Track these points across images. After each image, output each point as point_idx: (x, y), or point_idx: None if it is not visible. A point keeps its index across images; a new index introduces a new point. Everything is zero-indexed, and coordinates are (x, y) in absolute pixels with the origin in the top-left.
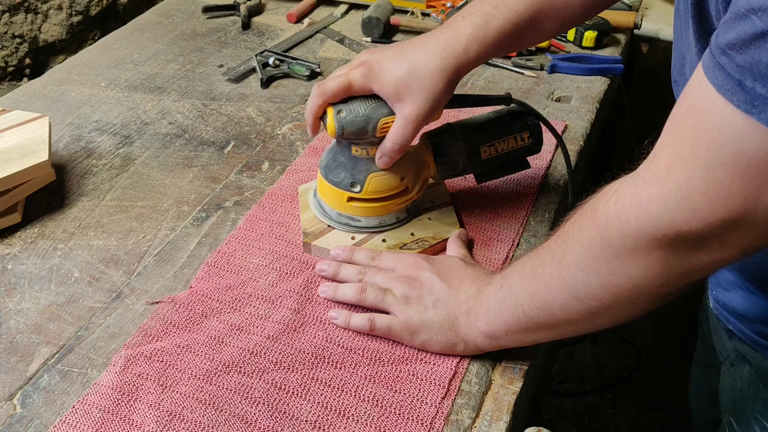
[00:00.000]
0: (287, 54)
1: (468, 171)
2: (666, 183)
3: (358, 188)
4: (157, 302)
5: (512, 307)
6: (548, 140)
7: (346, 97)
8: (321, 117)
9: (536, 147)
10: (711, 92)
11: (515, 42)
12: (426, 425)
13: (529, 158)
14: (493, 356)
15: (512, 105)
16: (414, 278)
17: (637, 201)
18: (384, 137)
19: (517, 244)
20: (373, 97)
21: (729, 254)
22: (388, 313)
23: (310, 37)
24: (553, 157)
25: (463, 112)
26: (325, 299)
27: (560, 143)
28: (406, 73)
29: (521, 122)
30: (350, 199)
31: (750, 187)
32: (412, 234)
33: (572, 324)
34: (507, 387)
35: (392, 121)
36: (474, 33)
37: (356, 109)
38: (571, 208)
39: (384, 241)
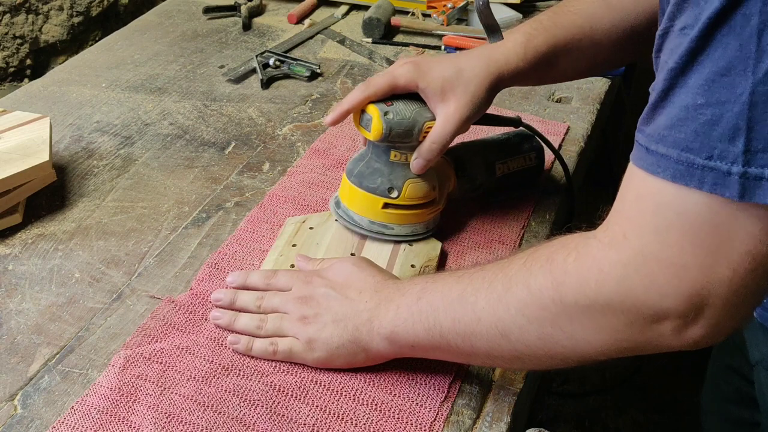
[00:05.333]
0: (288, 55)
1: (483, 187)
2: (624, 248)
3: (395, 194)
4: (159, 297)
5: (429, 326)
6: (551, 140)
7: (388, 96)
8: (360, 120)
9: (540, 168)
10: (632, 167)
11: (552, 65)
12: (425, 429)
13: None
14: None
15: (520, 127)
16: (309, 297)
17: (598, 264)
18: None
19: (519, 245)
20: (415, 99)
21: (692, 336)
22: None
23: (311, 37)
24: (554, 160)
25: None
26: None
27: (558, 157)
28: (453, 73)
29: (528, 144)
30: (386, 205)
31: (701, 255)
32: (412, 266)
33: (489, 359)
34: (508, 388)
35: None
36: (515, 48)
37: (402, 111)
38: (571, 215)
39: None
